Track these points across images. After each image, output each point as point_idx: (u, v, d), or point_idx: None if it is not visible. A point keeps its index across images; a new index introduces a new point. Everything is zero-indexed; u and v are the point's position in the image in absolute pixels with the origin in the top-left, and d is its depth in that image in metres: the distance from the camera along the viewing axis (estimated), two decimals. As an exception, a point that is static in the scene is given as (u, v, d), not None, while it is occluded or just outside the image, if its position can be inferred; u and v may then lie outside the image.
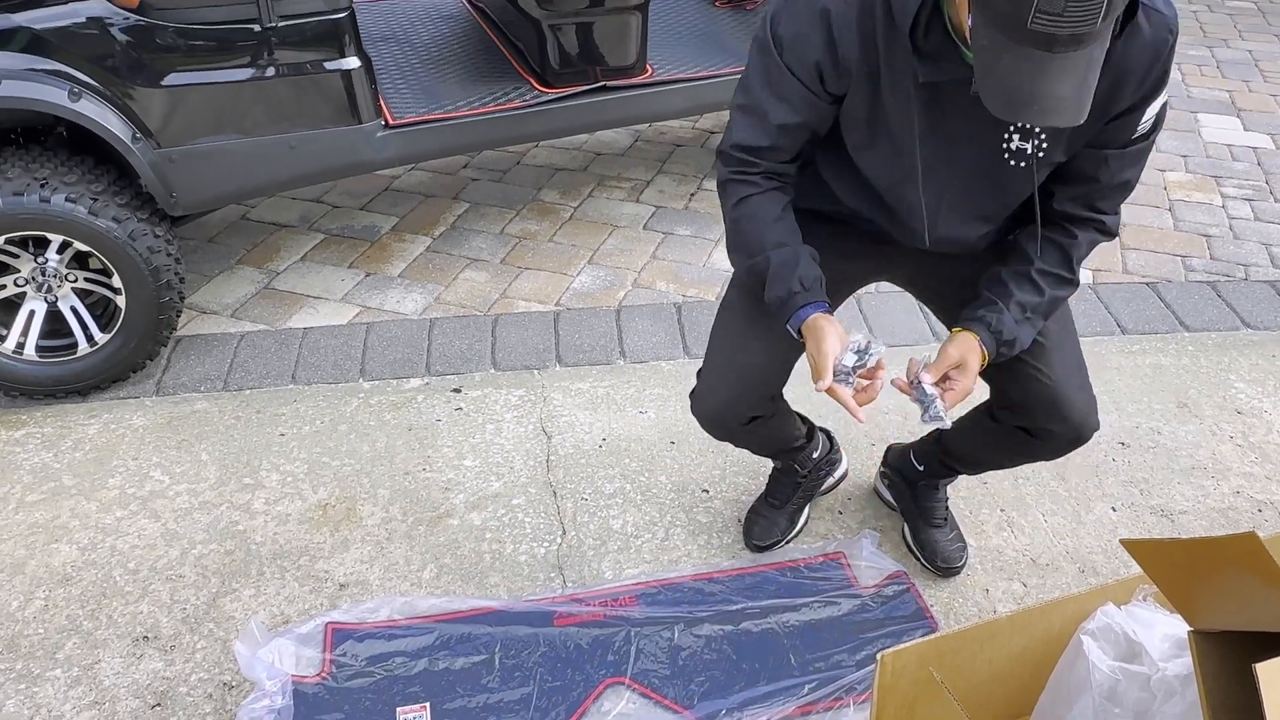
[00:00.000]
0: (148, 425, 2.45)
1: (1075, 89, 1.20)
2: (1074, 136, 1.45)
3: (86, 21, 2.22)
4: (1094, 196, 1.54)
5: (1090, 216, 1.56)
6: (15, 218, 2.24)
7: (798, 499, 2.10)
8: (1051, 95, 1.19)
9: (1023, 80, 1.19)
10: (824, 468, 2.14)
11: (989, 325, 1.54)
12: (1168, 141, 3.91)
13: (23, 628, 1.92)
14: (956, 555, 2.03)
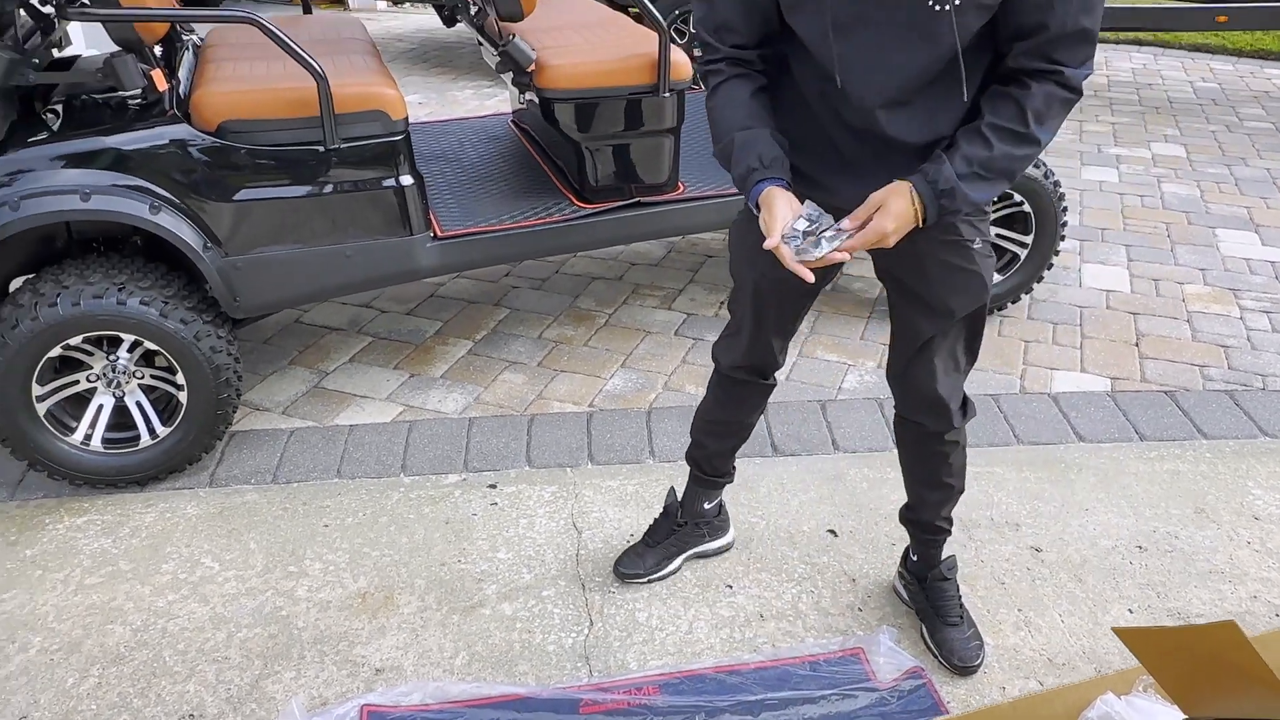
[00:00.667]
0: (200, 515, 2.58)
1: None
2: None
3: (169, 143, 2.45)
4: (1049, 47, 1.49)
5: (1046, 68, 1.51)
6: (94, 318, 2.44)
7: (671, 544, 2.33)
8: None
9: None
10: (704, 527, 2.36)
11: (925, 175, 1.56)
12: (1186, 255, 4.02)
13: (77, 703, 2.02)
14: (973, 654, 2.08)
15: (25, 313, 2.41)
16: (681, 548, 2.33)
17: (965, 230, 1.73)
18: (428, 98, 6.09)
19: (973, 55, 1.54)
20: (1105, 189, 4.75)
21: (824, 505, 2.59)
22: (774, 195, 1.58)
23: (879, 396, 3.06)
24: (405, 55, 7.18)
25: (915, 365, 1.88)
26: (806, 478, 2.70)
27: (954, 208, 1.58)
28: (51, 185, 2.38)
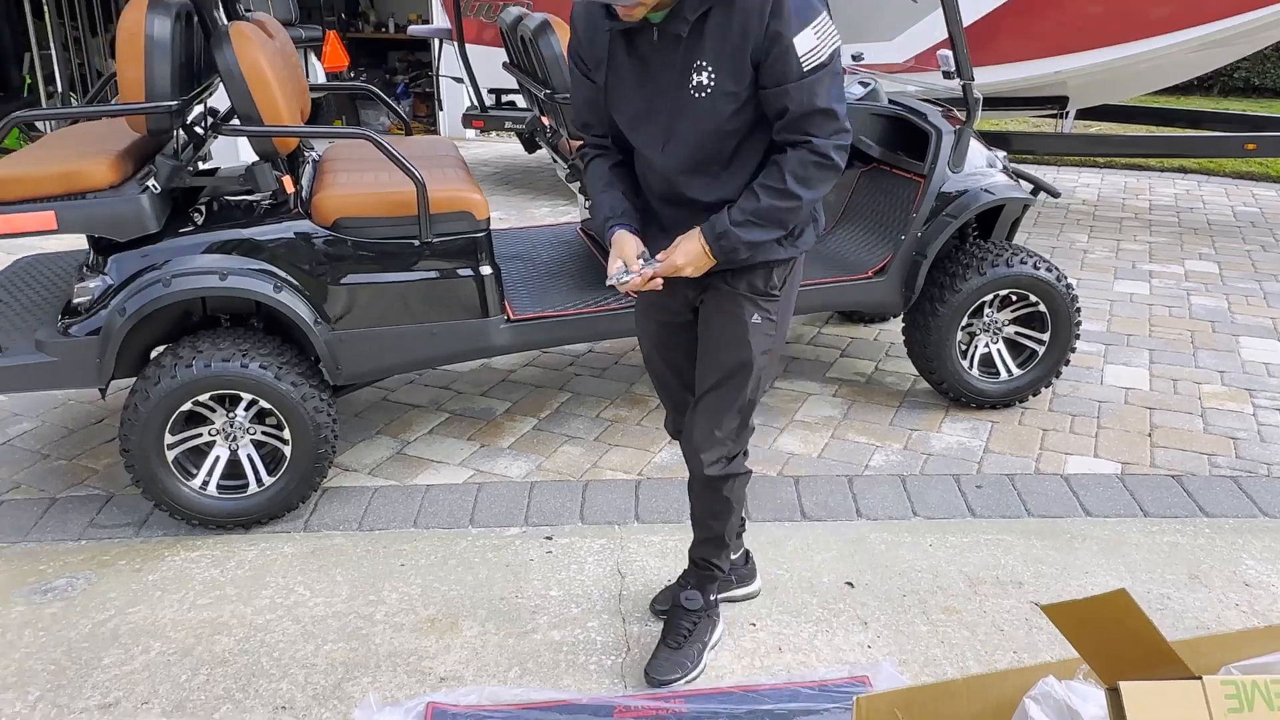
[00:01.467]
0: (295, 553, 2.97)
1: None
2: (732, 71, 1.93)
3: (293, 235, 2.96)
4: (799, 124, 1.95)
5: (799, 139, 1.96)
6: (222, 378, 2.90)
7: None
8: None
9: None
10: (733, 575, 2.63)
11: (710, 223, 2.04)
12: (1206, 359, 4.27)
13: (189, 694, 2.38)
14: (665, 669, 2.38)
15: (166, 372, 2.88)
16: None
17: (746, 308, 2.18)
18: (508, 214, 6.70)
19: (746, 133, 2.02)
20: (1135, 300, 5.04)
21: (844, 562, 2.88)
22: (622, 236, 2.11)
23: (903, 473, 3.36)
24: (490, 178, 7.87)
25: (692, 415, 2.30)
26: (830, 539, 2.99)
27: (731, 246, 2.03)
28: (196, 267, 2.89)
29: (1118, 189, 7.66)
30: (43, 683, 2.43)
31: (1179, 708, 1.44)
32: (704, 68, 1.95)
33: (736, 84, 1.94)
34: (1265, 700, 1.49)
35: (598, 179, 2.22)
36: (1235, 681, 1.50)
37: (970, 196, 3.51)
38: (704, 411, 2.26)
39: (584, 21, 2.10)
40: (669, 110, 2.01)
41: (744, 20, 1.90)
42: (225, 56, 2.86)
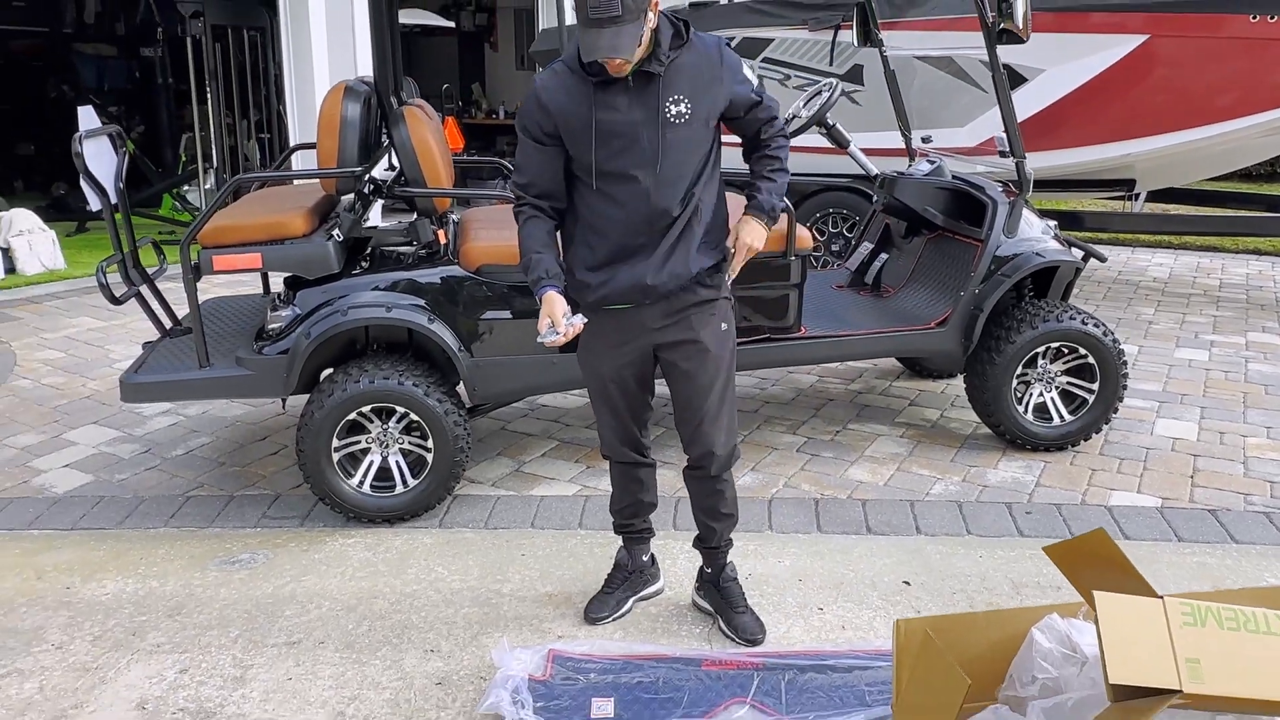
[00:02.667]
0: (434, 543, 3.53)
1: (613, 40, 2.36)
2: (707, 102, 2.56)
3: (445, 277, 3.59)
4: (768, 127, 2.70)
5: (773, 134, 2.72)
6: (381, 393, 3.51)
7: (624, 590, 3.04)
8: (601, 45, 2.37)
9: (593, 41, 2.37)
10: (645, 574, 3.11)
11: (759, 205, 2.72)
12: (1256, 416, 4.59)
13: (355, 638, 2.93)
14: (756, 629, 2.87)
15: (337, 387, 3.51)
16: (632, 592, 3.08)
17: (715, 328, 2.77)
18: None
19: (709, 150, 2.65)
20: (1193, 365, 5.37)
21: (902, 566, 3.31)
22: (552, 297, 2.61)
23: (960, 500, 3.78)
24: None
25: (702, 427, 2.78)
26: (891, 549, 3.42)
27: (777, 214, 2.75)
28: (367, 301, 3.53)
29: (1190, 268, 7.96)
30: (240, 624, 3.01)
31: (1142, 616, 1.87)
32: (680, 100, 2.54)
33: (709, 113, 2.60)
34: (1216, 620, 1.91)
35: (535, 239, 2.67)
36: (1192, 603, 1.93)
37: (1023, 259, 3.98)
38: (711, 421, 2.78)
39: (550, 89, 2.57)
40: (654, 135, 2.54)
41: (706, 63, 2.57)
42: (400, 133, 3.55)
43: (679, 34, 2.56)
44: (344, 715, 2.58)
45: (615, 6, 2.33)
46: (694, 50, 2.58)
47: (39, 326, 6.29)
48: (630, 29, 2.37)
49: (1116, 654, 1.82)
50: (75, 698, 2.66)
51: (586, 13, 2.37)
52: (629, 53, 2.41)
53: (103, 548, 3.51)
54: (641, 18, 2.39)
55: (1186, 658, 1.85)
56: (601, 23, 2.35)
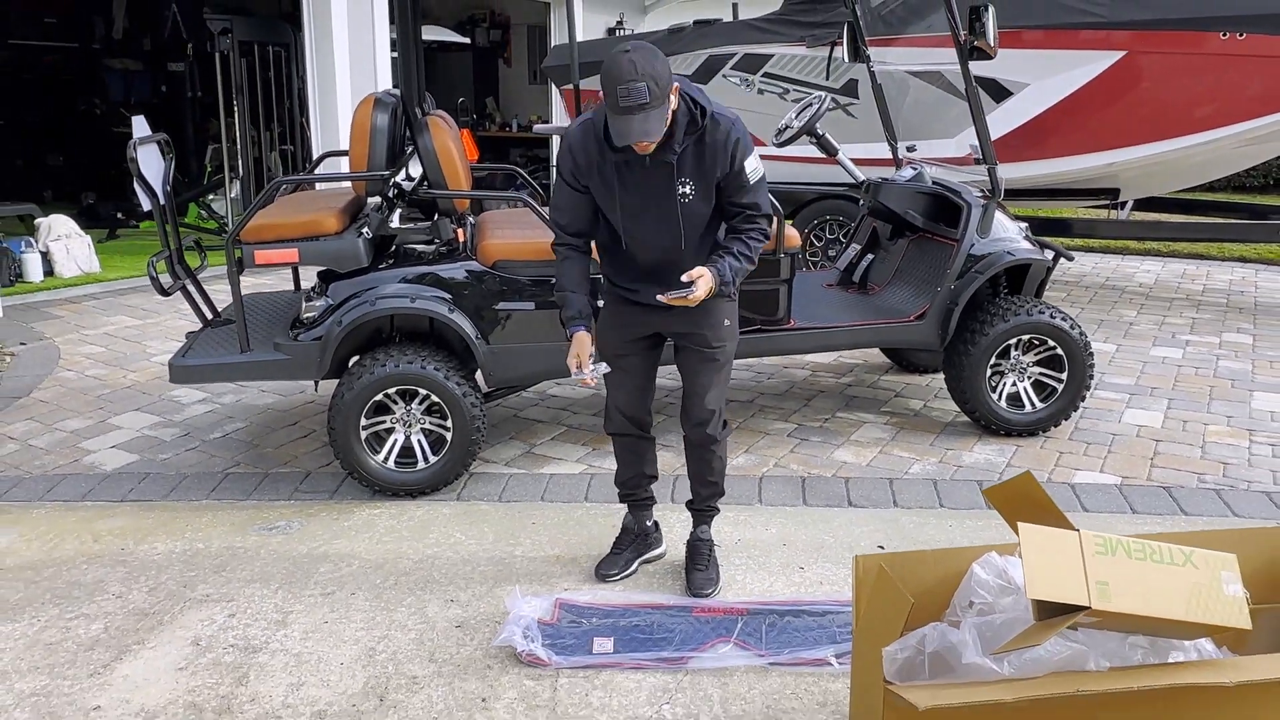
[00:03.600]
0: (452, 513, 3.87)
1: (642, 125, 2.62)
2: (704, 185, 2.84)
3: (465, 271, 3.95)
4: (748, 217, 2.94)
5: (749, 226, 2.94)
6: (405, 376, 3.86)
7: (630, 552, 3.37)
8: (632, 131, 2.62)
9: (624, 127, 2.63)
10: (649, 539, 3.43)
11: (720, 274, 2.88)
12: (1219, 407, 4.90)
13: (384, 590, 3.27)
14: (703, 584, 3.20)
15: (365, 370, 3.86)
16: (637, 554, 3.41)
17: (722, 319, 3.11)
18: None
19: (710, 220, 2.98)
20: (1166, 362, 5.69)
21: (878, 533, 3.63)
22: (581, 337, 3.00)
23: (935, 478, 4.10)
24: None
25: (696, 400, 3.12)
26: (869, 519, 3.75)
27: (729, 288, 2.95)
28: (394, 293, 3.89)
29: (1176, 275, 8.27)
30: (279, 580, 3.36)
31: (1060, 544, 2.19)
32: (686, 182, 2.86)
33: (706, 194, 2.90)
34: (1125, 551, 2.24)
35: (570, 278, 3.01)
36: (1104, 536, 2.25)
37: (995, 257, 4.32)
38: (709, 396, 3.12)
39: (580, 147, 2.85)
40: (667, 209, 2.89)
41: (713, 153, 2.83)
42: (425, 140, 3.92)
43: (694, 121, 2.80)
44: (374, 651, 2.92)
45: (643, 94, 2.57)
46: (708, 135, 2.82)
47: (79, 324, 6.68)
48: (657, 112, 2.64)
49: (1036, 575, 2.15)
50: (137, 636, 3.01)
51: (616, 101, 2.60)
52: (658, 135, 2.68)
53: (151, 516, 3.87)
54: (666, 101, 2.64)
55: (1097, 580, 2.17)
56: (631, 110, 2.60)
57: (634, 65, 2.58)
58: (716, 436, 3.18)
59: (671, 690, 2.71)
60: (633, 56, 2.60)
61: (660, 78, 2.60)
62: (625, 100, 2.58)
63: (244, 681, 2.78)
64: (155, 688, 2.75)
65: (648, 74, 2.58)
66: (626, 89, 2.57)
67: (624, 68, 2.59)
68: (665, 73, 2.63)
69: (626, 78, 2.57)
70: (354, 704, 2.67)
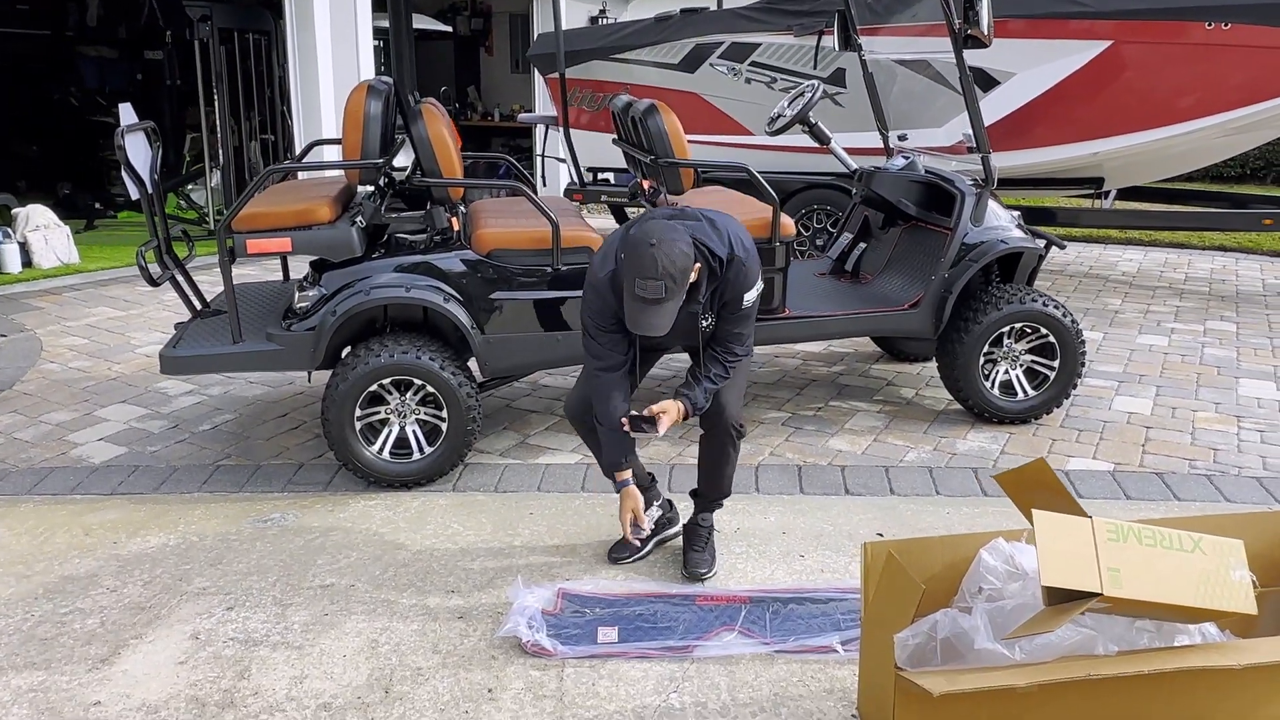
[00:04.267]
0: (448, 504, 3.85)
1: (654, 319, 2.73)
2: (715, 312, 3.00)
3: (460, 261, 3.92)
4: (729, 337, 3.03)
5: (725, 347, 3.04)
6: (400, 366, 3.83)
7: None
8: (641, 323, 2.74)
9: (636, 315, 2.73)
10: (664, 520, 3.43)
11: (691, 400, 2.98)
12: (1206, 394, 4.95)
13: (383, 581, 3.25)
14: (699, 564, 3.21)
15: (360, 361, 3.83)
16: (653, 536, 3.40)
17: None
18: (602, 273, 7.66)
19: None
20: (1153, 350, 5.74)
21: (876, 521, 3.65)
22: (631, 491, 3.07)
23: (931, 466, 4.12)
24: (584, 244, 8.88)
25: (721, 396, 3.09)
26: (868, 507, 3.76)
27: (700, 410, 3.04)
28: (389, 282, 3.86)
29: (1158, 264, 8.35)
30: (277, 571, 3.33)
31: (1073, 531, 2.21)
32: (707, 315, 3.02)
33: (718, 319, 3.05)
34: (1136, 538, 2.25)
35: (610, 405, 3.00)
36: (1116, 523, 2.27)
37: (988, 245, 4.34)
38: (732, 393, 3.12)
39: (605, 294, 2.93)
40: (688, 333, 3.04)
41: (724, 290, 2.96)
42: (419, 128, 3.88)
43: (714, 273, 2.92)
44: (377, 643, 2.90)
45: (659, 291, 2.67)
46: (725, 283, 2.94)
47: (60, 316, 6.58)
48: (671, 305, 2.73)
49: (1049, 562, 2.16)
50: (134, 630, 2.97)
51: (633, 290, 2.69)
52: (666, 329, 2.77)
53: (143, 509, 3.82)
54: (680, 294, 2.73)
55: (1109, 567, 2.19)
56: (647, 302, 2.70)
57: (656, 262, 2.66)
58: (730, 445, 3.18)
59: (678, 679, 2.70)
60: (656, 252, 2.67)
61: (679, 274, 2.69)
62: (641, 293, 2.69)
63: (246, 675, 2.75)
64: (156, 682, 2.72)
65: (667, 272, 2.66)
66: (644, 285, 2.66)
67: (645, 262, 2.66)
68: (686, 266, 2.71)
69: (647, 274, 2.66)
70: (359, 696, 2.65)
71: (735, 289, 2.95)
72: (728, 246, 2.91)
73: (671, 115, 4.24)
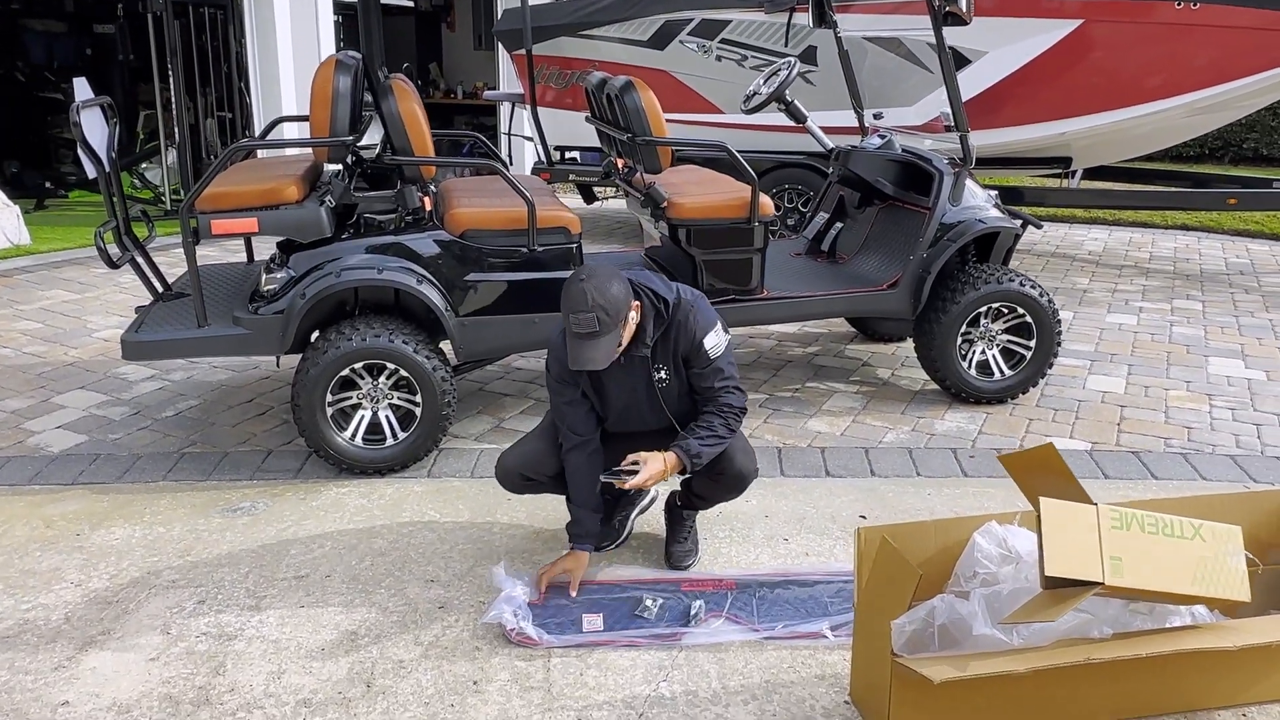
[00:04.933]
0: (424, 491, 3.77)
1: (590, 353, 2.67)
2: (675, 368, 2.91)
3: (433, 242, 3.82)
4: (713, 391, 2.90)
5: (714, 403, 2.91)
6: (373, 350, 3.73)
7: (620, 514, 3.31)
8: (579, 358, 2.68)
9: (575, 351, 2.69)
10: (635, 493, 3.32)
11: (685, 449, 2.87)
12: (1177, 372, 4.99)
13: (360, 572, 3.17)
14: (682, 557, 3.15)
15: (331, 345, 3.72)
16: (628, 510, 3.35)
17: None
18: (571, 253, 7.56)
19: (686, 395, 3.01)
20: (1123, 329, 5.78)
21: (859, 503, 3.62)
22: (578, 555, 2.99)
23: (910, 446, 4.10)
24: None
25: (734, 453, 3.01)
26: (849, 490, 3.74)
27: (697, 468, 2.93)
28: (360, 264, 3.75)
29: (1123, 243, 8.42)
30: (249, 562, 3.23)
31: (1078, 519, 2.19)
32: (660, 368, 2.94)
33: (679, 376, 2.96)
34: (1139, 525, 2.24)
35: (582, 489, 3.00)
36: (1120, 510, 2.25)
37: (967, 225, 4.32)
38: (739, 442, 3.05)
39: (558, 366, 2.94)
40: (649, 397, 2.99)
41: (676, 335, 2.89)
42: (389, 104, 3.76)
43: (660, 316, 2.87)
44: (356, 634, 2.83)
45: (591, 324, 2.65)
46: (675, 328, 2.89)
47: (12, 299, 6.37)
48: (607, 340, 2.69)
49: (1054, 550, 2.14)
50: (102, 625, 2.87)
51: (571, 329, 2.69)
52: (604, 364, 2.73)
53: (106, 499, 3.70)
54: (616, 328, 2.69)
55: (1111, 555, 2.17)
56: (581, 337, 2.68)
57: (585, 295, 2.65)
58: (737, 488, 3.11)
59: (667, 667, 2.66)
60: (585, 285, 2.66)
61: (611, 306, 2.66)
62: (575, 328, 2.68)
63: (221, 671, 2.66)
64: (126, 680, 2.62)
65: (598, 304, 2.64)
66: (577, 319, 2.66)
67: (575, 297, 2.66)
68: (618, 299, 2.68)
69: (577, 307, 2.65)
70: (340, 691, 2.58)
71: (688, 335, 2.87)
72: (674, 292, 2.91)
73: (649, 92, 4.16)
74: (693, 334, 2.87)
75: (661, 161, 4.10)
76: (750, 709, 2.49)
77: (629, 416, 3.06)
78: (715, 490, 3.10)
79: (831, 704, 2.50)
